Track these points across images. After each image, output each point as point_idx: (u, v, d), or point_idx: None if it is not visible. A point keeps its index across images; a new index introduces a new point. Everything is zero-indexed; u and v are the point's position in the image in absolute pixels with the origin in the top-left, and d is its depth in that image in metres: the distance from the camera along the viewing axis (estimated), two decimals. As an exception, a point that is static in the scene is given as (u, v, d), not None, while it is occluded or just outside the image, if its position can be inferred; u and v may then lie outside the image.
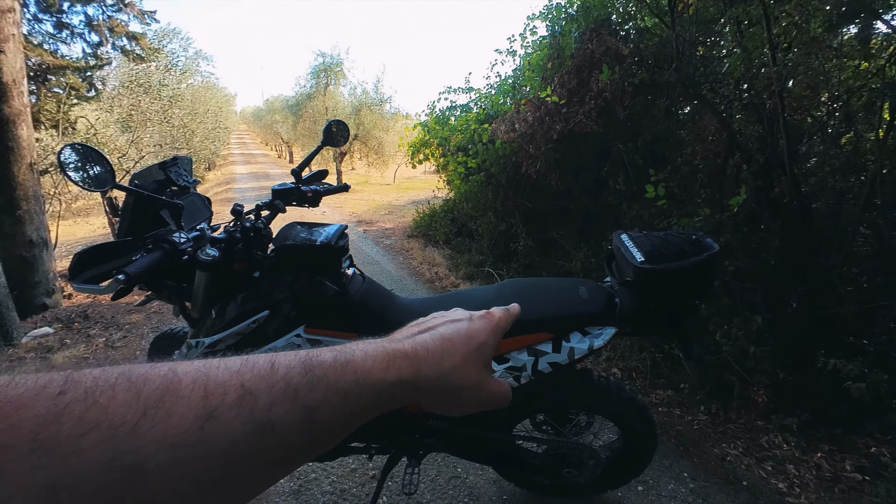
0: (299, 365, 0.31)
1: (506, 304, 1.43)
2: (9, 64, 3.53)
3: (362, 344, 0.36)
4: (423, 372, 0.36)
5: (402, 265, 5.48)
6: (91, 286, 0.99)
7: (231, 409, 0.27)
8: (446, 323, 0.43)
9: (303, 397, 0.30)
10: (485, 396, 0.41)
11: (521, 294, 1.40)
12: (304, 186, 1.62)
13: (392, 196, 13.33)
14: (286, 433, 0.28)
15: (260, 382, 0.29)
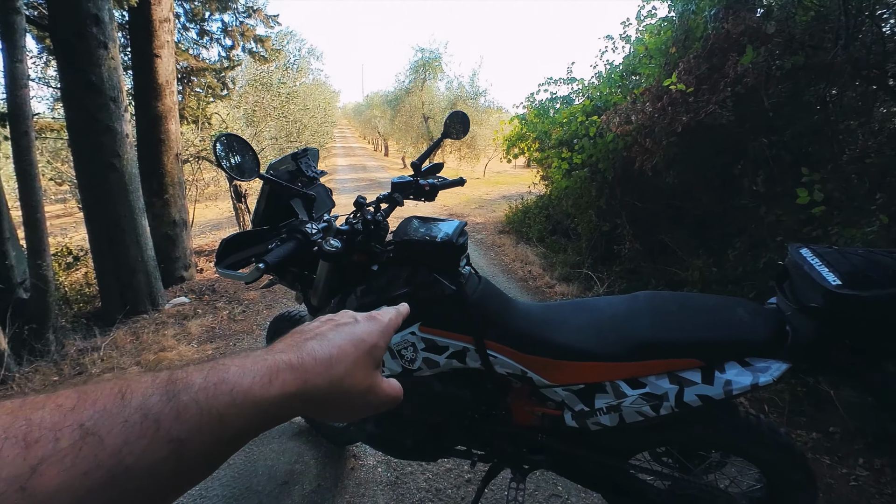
0: (159, 391, 0.27)
1: (640, 319, 1.23)
2: (163, 67, 4.11)
3: (238, 358, 0.32)
4: (312, 382, 0.33)
5: (494, 261, 5.40)
6: (233, 272, 1.05)
7: (65, 458, 0.21)
8: (334, 328, 0.39)
9: (166, 429, 0.25)
10: (375, 400, 0.39)
11: (661, 309, 1.22)
12: (421, 180, 1.59)
13: (482, 190, 13.28)
14: (147, 475, 0.24)
15: (105, 419, 0.24)
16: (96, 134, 3.43)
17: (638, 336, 1.14)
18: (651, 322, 1.17)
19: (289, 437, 2.20)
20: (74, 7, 3.08)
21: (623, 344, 1.14)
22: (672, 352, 1.10)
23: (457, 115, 1.68)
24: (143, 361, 3.02)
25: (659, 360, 1.11)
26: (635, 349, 1.12)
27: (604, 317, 1.25)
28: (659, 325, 1.16)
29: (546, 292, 4.24)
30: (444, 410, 1.40)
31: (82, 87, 3.27)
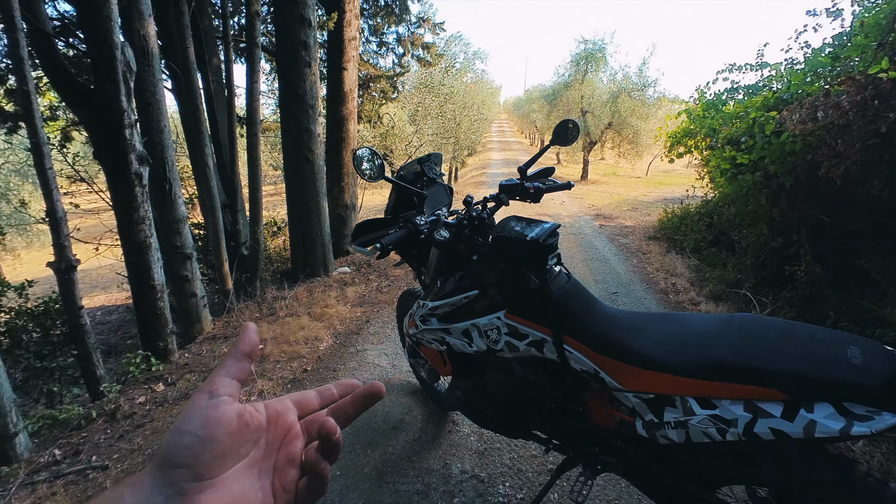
0: None
1: (727, 340, 1.21)
2: (349, 77, 5.03)
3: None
4: None
5: (635, 268, 5.08)
6: (361, 248, 1.40)
7: None
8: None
9: None
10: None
11: (754, 334, 1.16)
12: (527, 183, 1.76)
13: (640, 191, 12.24)
14: None
15: None
16: (298, 134, 4.45)
17: (718, 356, 1.12)
18: (738, 344, 1.13)
19: (405, 393, 2.62)
20: (292, 36, 4.06)
21: (700, 361, 1.13)
22: (752, 378, 1.05)
23: (568, 124, 1.78)
24: (311, 313, 3.88)
25: (736, 384, 1.08)
26: (712, 368, 1.11)
27: (690, 332, 1.25)
28: (745, 349, 1.11)
29: (688, 309, 3.86)
30: (523, 392, 1.57)
31: (292, 97, 4.29)
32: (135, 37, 2.84)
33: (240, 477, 0.32)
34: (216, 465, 0.31)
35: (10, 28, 2.07)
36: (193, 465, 0.30)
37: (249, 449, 0.34)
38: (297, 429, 0.37)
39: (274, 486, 0.34)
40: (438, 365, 1.87)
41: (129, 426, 2.52)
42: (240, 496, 0.32)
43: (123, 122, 2.63)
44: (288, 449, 0.36)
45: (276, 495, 0.34)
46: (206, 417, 0.31)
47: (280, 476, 0.35)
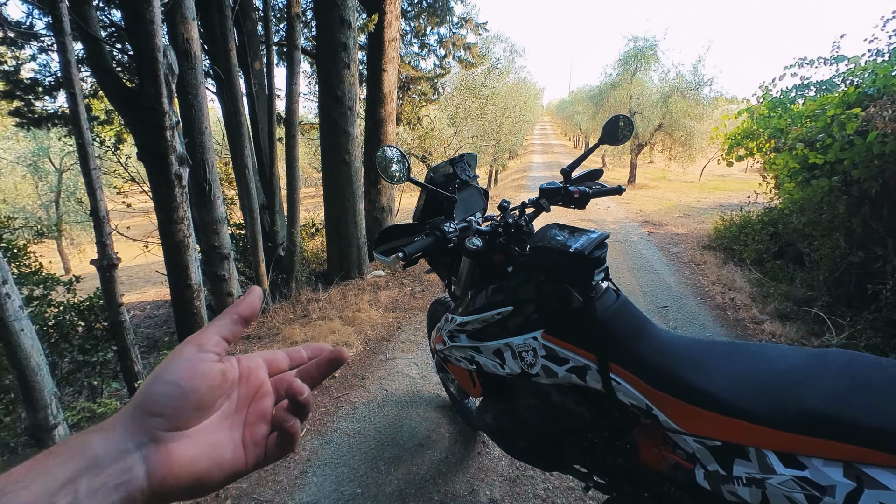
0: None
1: (823, 384, 0.97)
2: (388, 79, 5.00)
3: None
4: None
5: (687, 280, 4.70)
6: (383, 257, 1.29)
7: None
8: None
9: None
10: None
11: (857, 378, 0.93)
12: (571, 186, 1.58)
13: (693, 196, 11.53)
14: None
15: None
16: (336, 136, 4.46)
17: (811, 404, 0.90)
18: (837, 391, 0.91)
19: (433, 407, 2.50)
20: (331, 38, 4.07)
21: (787, 408, 0.92)
22: (859, 437, 0.83)
23: (619, 121, 1.59)
24: (343, 316, 3.85)
25: (836, 441, 0.86)
26: (803, 418, 0.89)
27: (771, 369, 1.04)
28: (847, 398, 0.89)
29: (749, 328, 3.50)
30: (561, 423, 1.39)
31: (331, 99, 4.30)
32: (178, 40, 2.90)
33: (213, 429, 0.33)
34: (194, 416, 0.31)
35: (58, 32, 2.15)
36: (171, 415, 0.30)
37: (223, 402, 0.34)
38: (267, 386, 0.38)
39: (244, 439, 0.35)
40: (467, 385, 1.72)
41: (160, 424, 2.55)
42: (213, 447, 0.32)
43: (165, 124, 2.67)
44: (258, 405, 0.36)
45: (246, 448, 0.35)
46: (192, 369, 0.31)
47: (251, 430, 0.35)
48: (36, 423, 2.34)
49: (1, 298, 2.07)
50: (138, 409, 0.29)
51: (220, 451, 0.32)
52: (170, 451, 0.29)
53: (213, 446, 0.32)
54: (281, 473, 2.05)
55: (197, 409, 0.31)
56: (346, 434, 2.31)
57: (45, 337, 2.97)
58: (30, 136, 10.57)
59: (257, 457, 0.35)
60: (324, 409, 2.53)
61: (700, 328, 3.52)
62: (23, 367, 2.21)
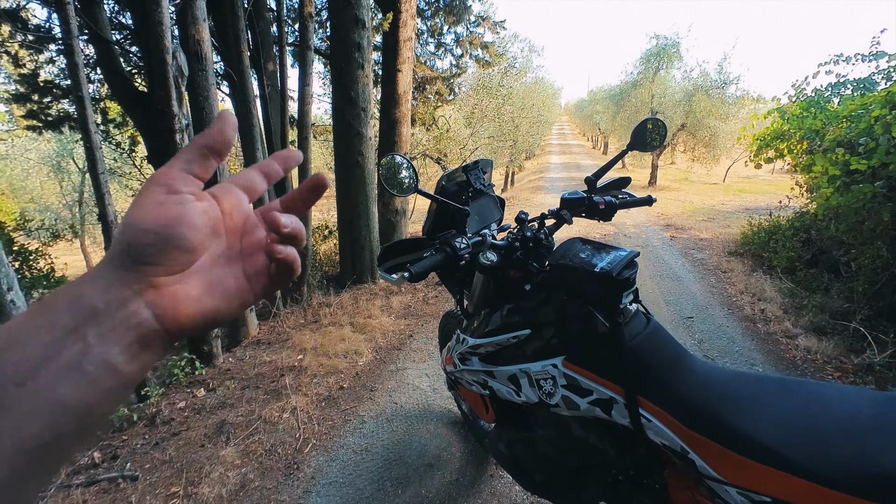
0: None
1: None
2: (403, 80, 4.92)
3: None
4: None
5: (713, 289, 4.49)
6: (387, 276, 1.18)
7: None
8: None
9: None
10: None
11: None
12: (596, 196, 1.45)
13: (717, 199, 11.16)
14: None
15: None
16: (349, 137, 4.39)
17: (883, 464, 0.76)
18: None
19: (444, 424, 2.39)
20: (345, 38, 4.00)
21: (852, 466, 0.78)
22: None
23: (647, 124, 1.45)
24: (354, 323, 3.77)
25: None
26: (871, 481, 0.75)
27: (831, 414, 0.89)
28: None
29: (781, 343, 3.29)
30: (582, 458, 1.27)
31: (345, 100, 4.23)
32: (189, 41, 2.86)
33: (210, 267, 0.32)
34: (185, 260, 0.29)
35: (66, 34, 2.11)
36: (160, 262, 0.28)
37: (212, 241, 0.32)
38: (253, 217, 0.36)
39: (245, 271, 0.34)
40: (480, 410, 1.61)
41: (165, 433, 2.50)
42: (215, 284, 0.32)
43: (174, 127, 2.63)
44: (251, 238, 0.35)
45: (249, 280, 0.34)
46: (168, 214, 0.28)
47: (249, 262, 0.34)
48: (42, 430, 2.31)
49: (6, 305, 2.04)
50: (124, 259, 0.27)
51: (223, 286, 0.32)
52: (173, 293, 0.29)
53: (215, 283, 0.32)
54: (284, 492, 1.97)
55: (186, 253, 0.29)
56: (353, 451, 2.22)
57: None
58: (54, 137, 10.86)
59: (263, 285, 0.35)
60: (331, 422, 2.45)
61: (728, 342, 3.33)
62: (28, 374, 2.18)
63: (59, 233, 4.20)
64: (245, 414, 2.56)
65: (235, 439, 2.33)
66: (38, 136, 11.22)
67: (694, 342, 3.35)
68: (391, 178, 1.29)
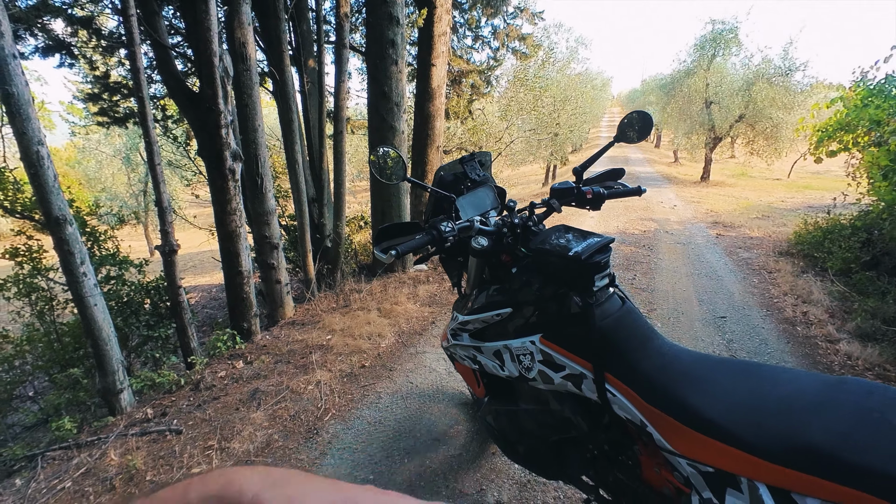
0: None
1: (830, 415, 0.91)
2: (437, 74, 5.07)
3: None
4: None
5: (754, 290, 4.33)
6: (380, 253, 1.34)
7: None
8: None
9: None
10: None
11: (872, 413, 0.84)
12: (584, 187, 1.54)
13: (777, 195, 10.49)
14: None
15: None
16: (383, 131, 4.61)
17: (811, 437, 0.82)
18: (845, 426, 0.83)
19: (455, 404, 2.54)
20: (380, 35, 4.20)
21: (784, 439, 0.85)
22: (857, 480, 0.76)
23: (635, 116, 1.52)
24: (381, 308, 4.00)
25: (832, 482, 0.79)
26: (798, 453, 0.82)
27: (776, 395, 0.96)
28: (855, 435, 0.81)
29: (819, 347, 3.16)
30: (559, 431, 1.38)
31: (379, 95, 4.45)
32: (235, 44, 3.16)
33: None
34: None
35: (129, 42, 2.44)
36: None
37: None
38: None
39: None
40: (472, 384, 1.75)
41: (207, 397, 2.83)
42: None
43: (220, 123, 2.93)
44: None
45: None
46: None
47: None
48: (106, 386, 2.70)
49: (79, 277, 2.41)
50: None
51: None
52: None
53: None
54: (303, 453, 2.20)
55: None
56: (368, 422, 2.42)
57: (119, 312, 3.43)
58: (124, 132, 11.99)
59: None
60: (350, 396, 2.67)
61: (760, 343, 3.24)
62: (95, 337, 2.56)
63: (124, 218, 4.75)
64: (275, 384, 2.84)
65: (265, 405, 2.61)
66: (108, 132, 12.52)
67: (723, 342, 3.28)
68: (382, 169, 1.45)
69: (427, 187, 1.47)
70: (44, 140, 2.19)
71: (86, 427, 2.69)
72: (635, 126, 1.51)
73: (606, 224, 7.30)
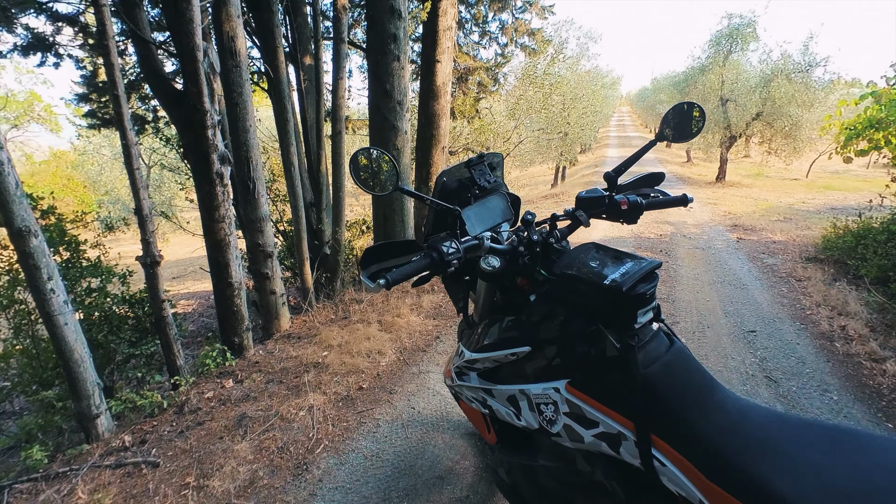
0: None
1: None
2: (443, 71, 4.84)
3: None
4: None
5: (784, 300, 4.04)
6: (367, 280, 1.10)
7: None
8: None
9: None
10: None
11: None
12: (618, 195, 1.29)
13: (797, 196, 10.14)
14: None
15: None
16: (385, 131, 4.38)
17: None
18: None
19: (461, 434, 2.29)
20: (381, 30, 3.98)
21: None
22: None
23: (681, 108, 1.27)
24: (382, 321, 3.76)
25: None
26: None
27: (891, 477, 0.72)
28: None
29: (864, 367, 2.87)
30: (586, 497, 1.13)
31: (380, 94, 4.23)
32: (224, 38, 2.95)
33: None
34: None
35: (101, 33, 2.24)
36: None
37: None
38: None
39: None
40: (481, 428, 1.50)
41: (191, 422, 2.61)
42: None
43: (206, 123, 2.72)
44: None
45: None
46: None
47: None
48: (80, 411, 2.49)
49: (46, 294, 2.19)
50: None
51: None
52: None
53: None
54: (290, 493, 1.97)
55: None
56: (364, 455, 2.18)
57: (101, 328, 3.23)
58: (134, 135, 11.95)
59: None
60: (345, 423, 2.44)
61: (797, 362, 2.96)
62: (66, 358, 2.35)
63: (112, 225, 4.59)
64: (264, 409, 2.61)
65: (252, 433, 2.38)
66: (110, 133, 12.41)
67: (755, 360, 3.01)
68: (366, 176, 1.21)
69: (424, 198, 1.22)
70: (3, 144, 1.98)
71: (59, 455, 2.48)
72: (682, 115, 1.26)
73: (619, 227, 7.02)
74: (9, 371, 3.41)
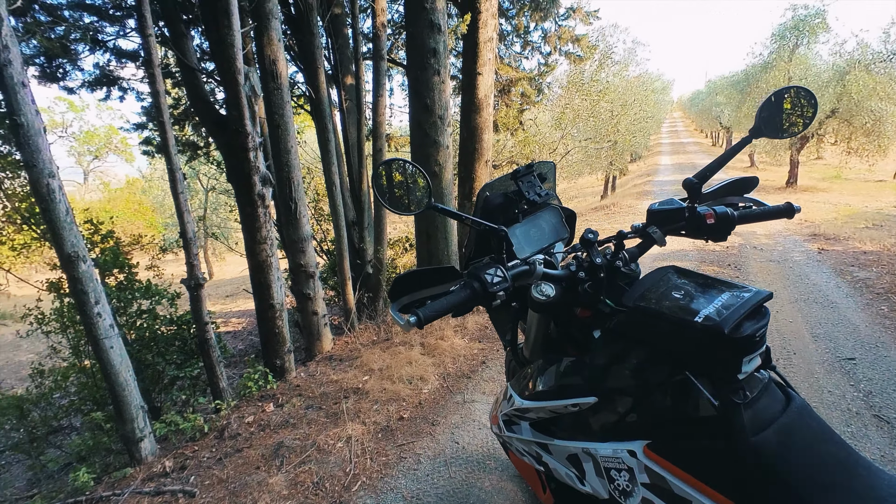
0: None
1: None
2: (483, 83, 4.72)
3: None
4: None
5: (885, 320, 3.49)
6: (397, 315, 0.94)
7: None
8: None
9: None
10: None
11: None
12: (702, 207, 1.04)
13: (885, 200, 9.07)
14: None
15: None
16: (426, 147, 4.29)
17: None
18: None
19: (510, 476, 2.07)
20: (421, 45, 3.92)
21: None
22: None
23: (781, 96, 1.04)
24: (425, 343, 3.60)
25: None
26: None
27: None
28: None
29: None
30: None
31: (420, 109, 4.16)
32: (265, 62, 2.98)
33: None
34: None
35: (148, 62, 2.30)
36: None
37: None
38: None
39: None
40: (535, 486, 1.28)
41: (230, 448, 2.56)
42: None
43: (248, 145, 2.73)
44: None
45: None
46: None
47: None
48: (125, 434, 2.50)
49: (93, 318, 2.22)
50: None
51: None
52: None
53: None
54: (324, 538, 1.83)
55: None
56: (403, 496, 2.01)
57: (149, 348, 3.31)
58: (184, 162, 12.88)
59: None
60: (384, 458, 2.28)
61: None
62: (112, 381, 2.37)
63: (166, 247, 4.80)
64: (302, 437, 2.51)
65: (288, 465, 2.27)
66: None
67: (857, 395, 2.56)
68: (393, 194, 1.06)
69: (462, 217, 1.04)
70: (55, 172, 2.04)
71: (104, 478, 2.50)
72: (792, 110, 1.03)
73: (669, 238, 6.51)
74: (71, 389, 3.56)
